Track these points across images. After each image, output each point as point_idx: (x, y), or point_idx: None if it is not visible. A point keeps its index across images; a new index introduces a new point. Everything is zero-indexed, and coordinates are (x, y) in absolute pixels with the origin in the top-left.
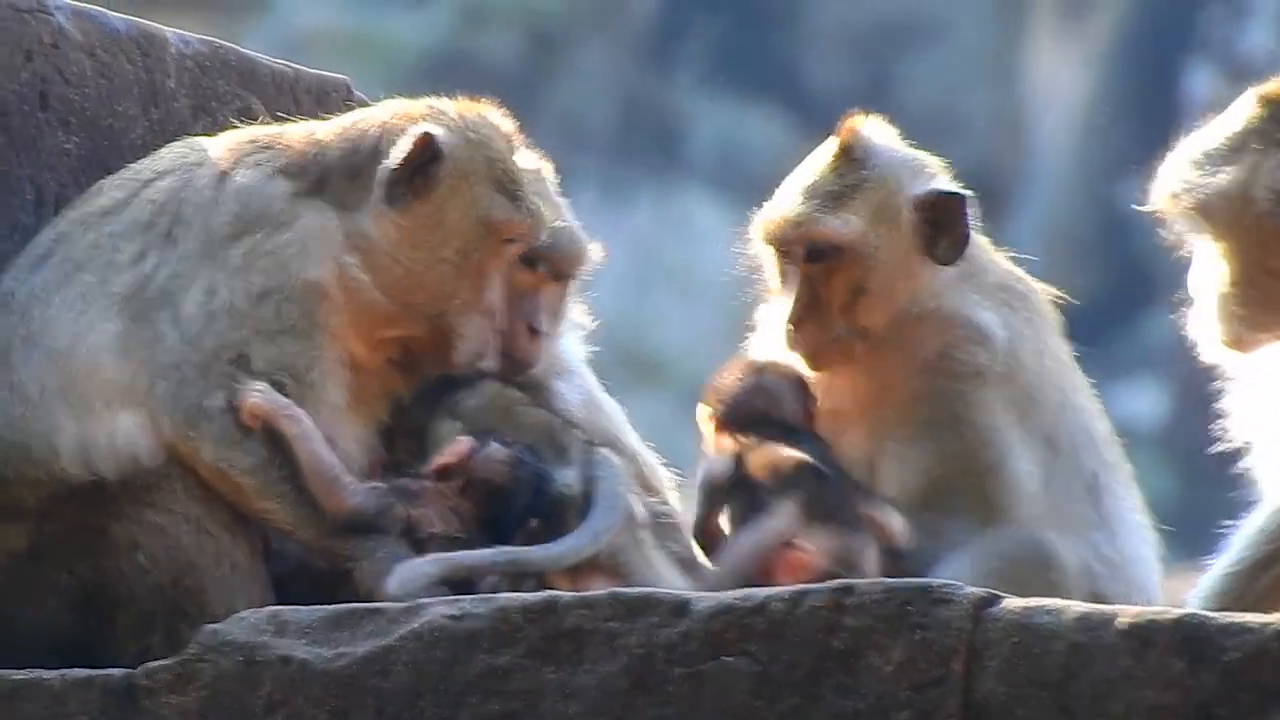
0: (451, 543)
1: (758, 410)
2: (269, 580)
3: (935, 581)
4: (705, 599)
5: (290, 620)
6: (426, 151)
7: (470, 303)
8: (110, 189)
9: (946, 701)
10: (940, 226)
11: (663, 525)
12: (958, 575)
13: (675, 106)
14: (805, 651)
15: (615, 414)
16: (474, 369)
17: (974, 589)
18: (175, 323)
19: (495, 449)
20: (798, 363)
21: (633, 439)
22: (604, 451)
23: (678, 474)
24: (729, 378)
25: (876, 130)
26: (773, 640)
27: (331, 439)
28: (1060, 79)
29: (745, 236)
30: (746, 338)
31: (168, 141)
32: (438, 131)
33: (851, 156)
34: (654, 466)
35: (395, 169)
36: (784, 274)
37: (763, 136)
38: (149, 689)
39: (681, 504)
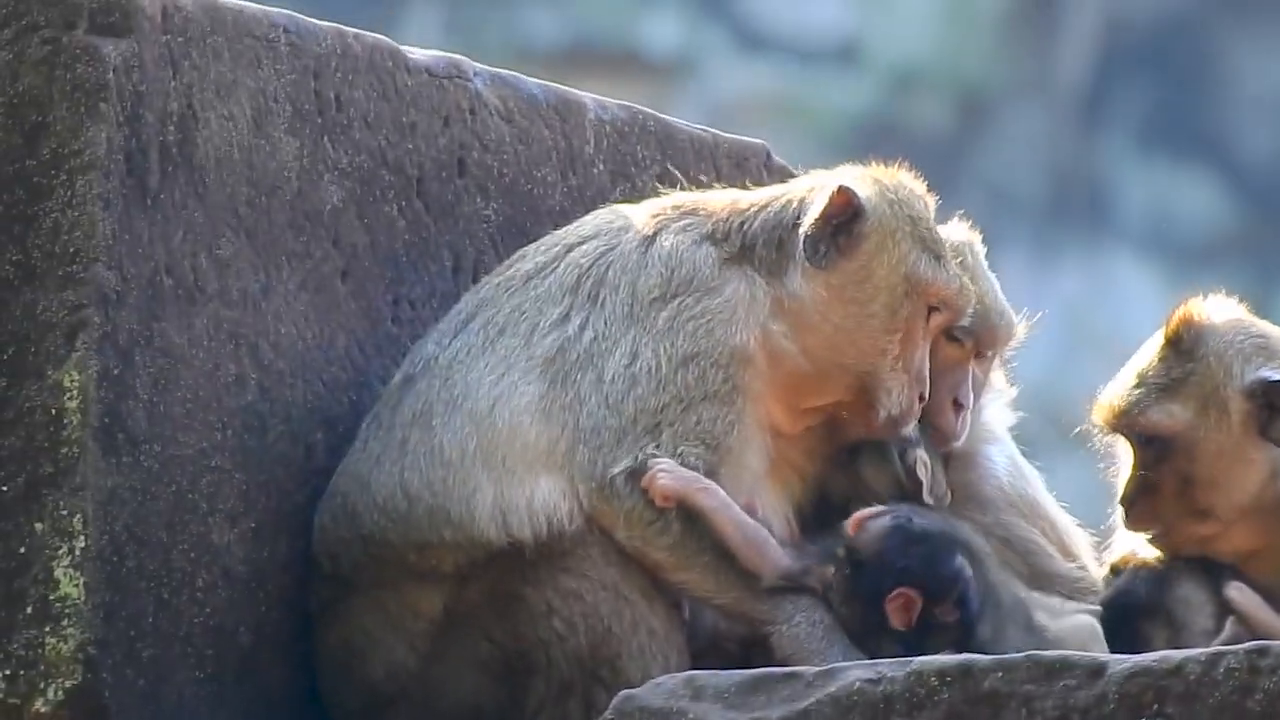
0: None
1: None
2: (686, 647)
3: None
4: (1122, 661)
5: (707, 685)
6: (847, 208)
7: (897, 360)
8: (534, 254)
9: None
10: (1277, 410)
11: (1080, 588)
12: None
13: (1104, 171)
14: (1222, 713)
15: (1035, 480)
16: (896, 435)
17: None
18: (598, 385)
19: (883, 521)
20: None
21: (1051, 505)
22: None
23: (1096, 537)
24: None
25: (1214, 310)
26: (1189, 702)
27: (751, 506)
28: None
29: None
30: None
31: (586, 207)
32: (858, 188)
33: (1180, 348)
34: (1071, 531)
35: (815, 223)
36: (1120, 454)
37: (1192, 201)
38: None
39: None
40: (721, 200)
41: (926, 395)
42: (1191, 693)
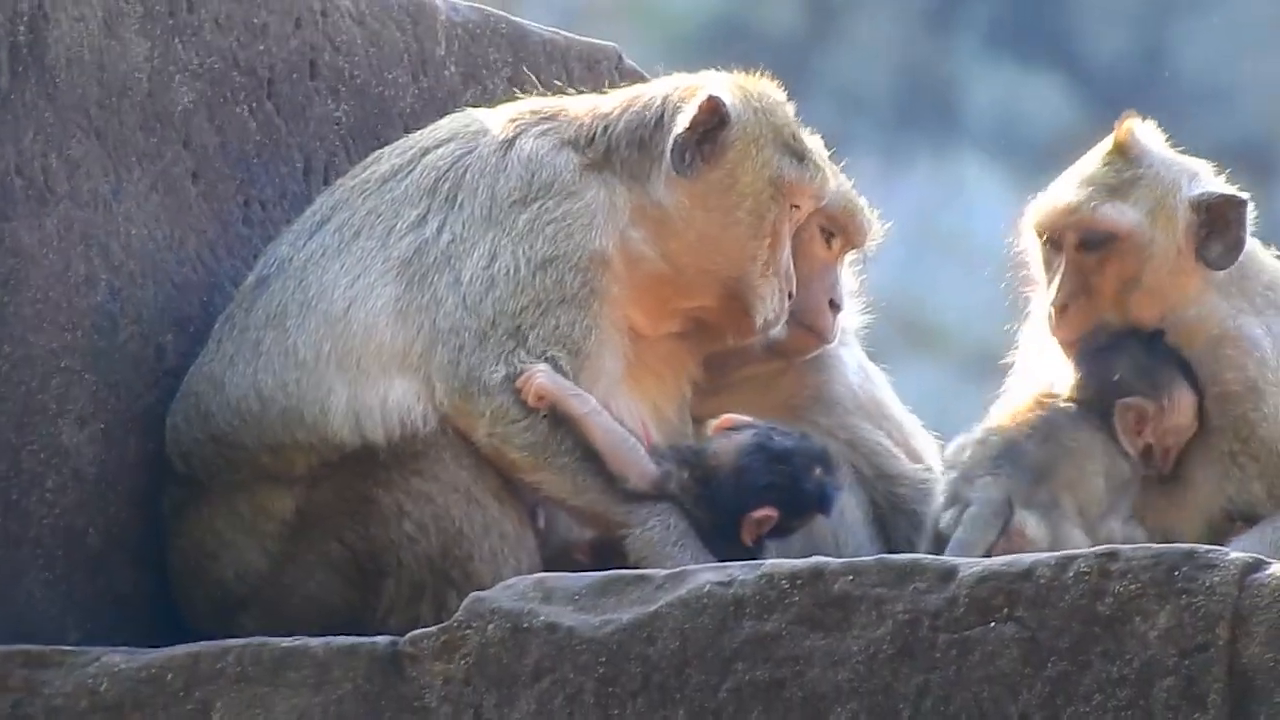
0: None
1: None
2: (537, 550)
3: (1201, 547)
4: (972, 564)
5: (557, 587)
6: (714, 116)
7: (766, 266)
8: (389, 157)
9: (1212, 668)
10: (1215, 230)
11: (924, 490)
12: (1249, 549)
13: (953, 74)
14: (1072, 617)
15: (882, 383)
16: (766, 337)
17: (1239, 554)
18: (455, 286)
19: (746, 436)
20: (1060, 348)
21: (897, 407)
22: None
23: (941, 440)
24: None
25: (1151, 134)
26: (1040, 606)
27: (607, 408)
28: None
29: (1013, 228)
30: (1020, 317)
31: (437, 110)
32: (724, 95)
33: (1128, 155)
34: (917, 433)
35: (684, 133)
36: (1050, 264)
37: (1040, 103)
38: (414, 657)
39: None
40: (582, 105)
41: (794, 293)
42: (1042, 597)
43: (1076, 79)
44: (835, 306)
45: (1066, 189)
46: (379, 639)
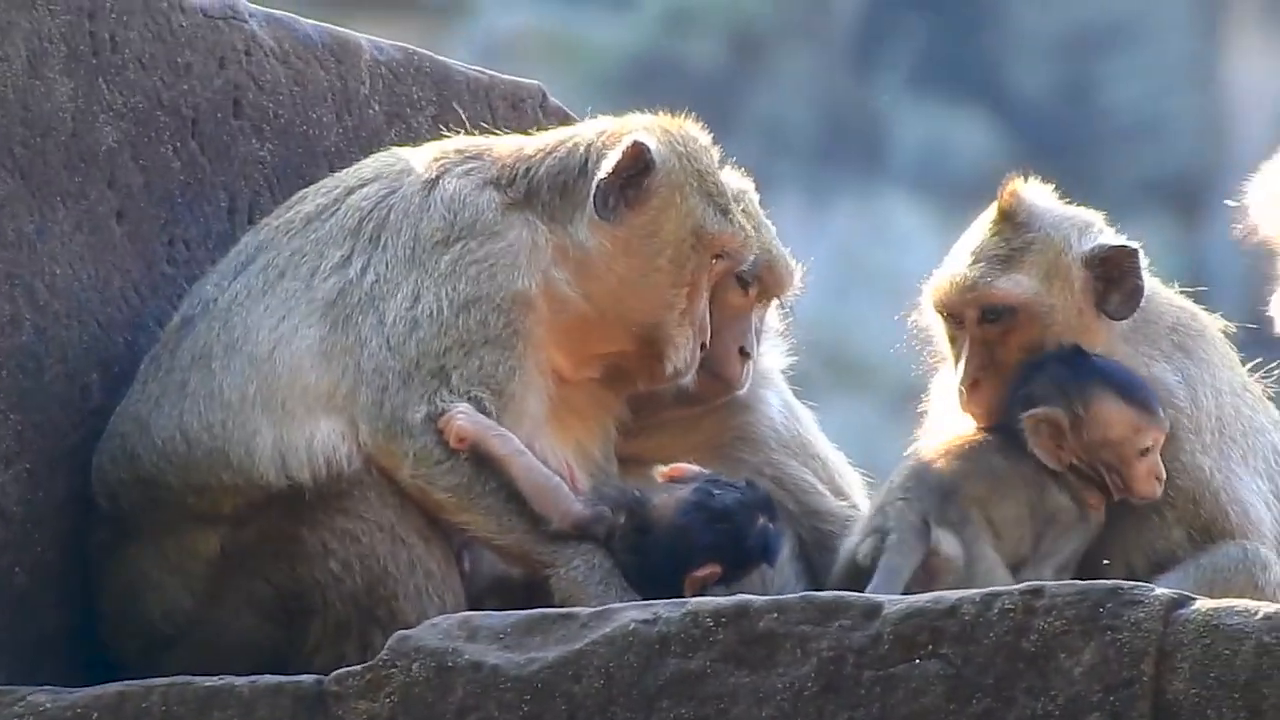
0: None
1: None
2: (462, 589)
3: (1126, 583)
4: (897, 601)
5: (482, 626)
6: (639, 161)
7: (683, 315)
8: (314, 196)
9: (1137, 703)
10: (1112, 282)
11: (850, 526)
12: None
13: (878, 110)
14: (997, 654)
15: (808, 421)
16: (677, 384)
17: (1164, 590)
18: (379, 328)
19: (687, 493)
20: (972, 425)
21: (823, 444)
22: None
23: (867, 476)
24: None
25: (1036, 192)
26: (964, 643)
27: (531, 448)
28: (1264, 82)
29: (913, 309)
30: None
31: (362, 148)
32: (649, 142)
33: (1015, 220)
34: (843, 470)
35: (607, 178)
36: (954, 340)
37: (965, 140)
38: (339, 695)
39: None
40: (506, 145)
41: (708, 343)
42: (966, 633)
43: (1002, 115)
44: (745, 355)
45: (961, 264)
46: (304, 678)
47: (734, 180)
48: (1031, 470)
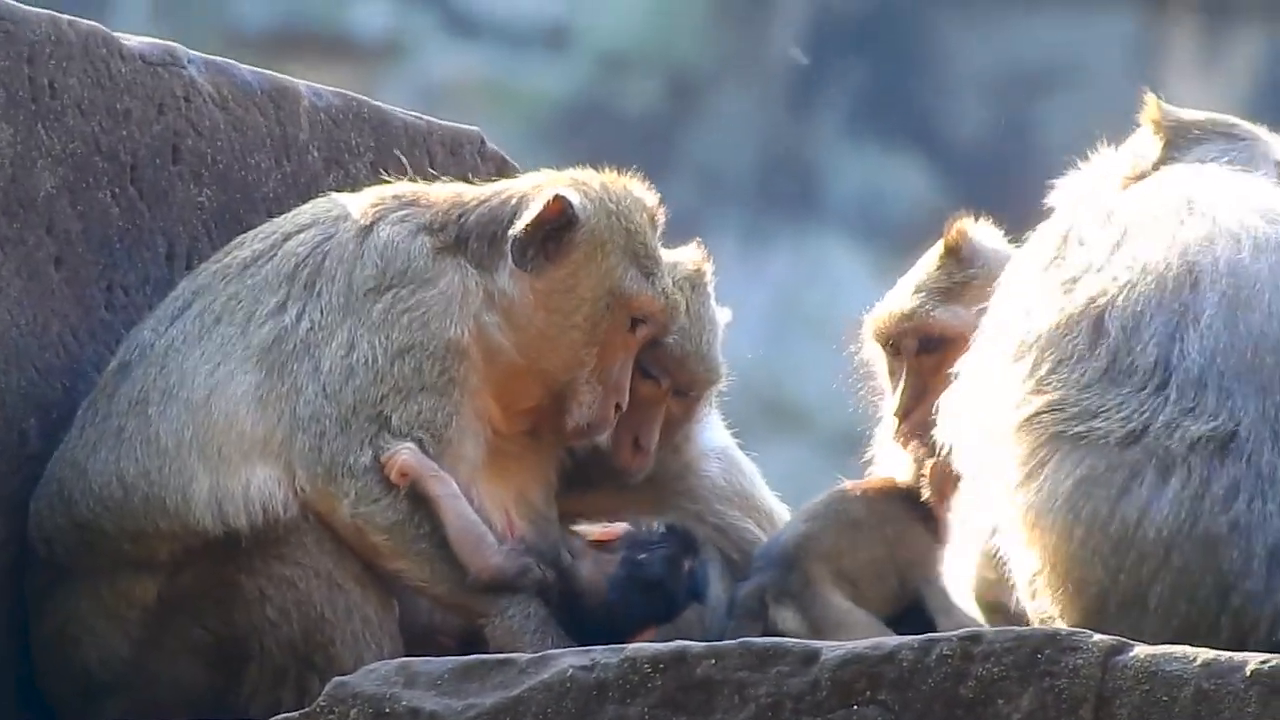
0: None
1: None
2: (399, 635)
3: (1064, 629)
4: (835, 648)
5: (420, 672)
6: (561, 216)
7: (593, 373)
8: (251, 241)
9: None
10: None
11: None
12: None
13: (815, 154)
14: (935, 700)
15: (750, 471)
16: (585, 442)
17: (1103, 636)
18: (314, 375)
19: (614, 566)
20: (905, 454)
21: (764, 494)
22: None
23: None
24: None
25: (983, 231)
26: (902, 689)
27: (468, 496)
28: None
29: (856, 341)
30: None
31: (300, 194)
32: (573, 197)
33: (959, 256)
34: (784, 519)
35: (524, 229)
36: (894, 371)
37: (902, 183)
38: None
39: None
40: (445, 192)
41: (624, 406)
42: (905, 680)
43: (938, 159)
44: (640, 448)
45: (903, 296)
46: None
47: (689, 258)
48: (899, 511)
